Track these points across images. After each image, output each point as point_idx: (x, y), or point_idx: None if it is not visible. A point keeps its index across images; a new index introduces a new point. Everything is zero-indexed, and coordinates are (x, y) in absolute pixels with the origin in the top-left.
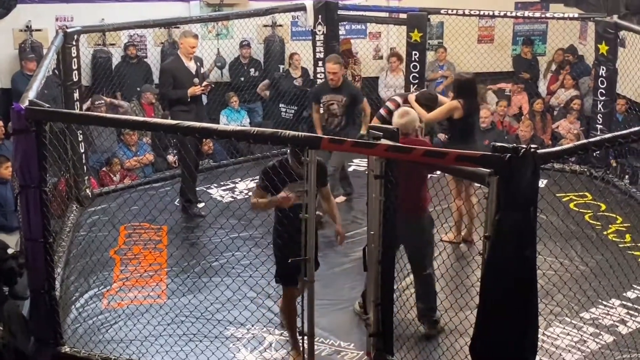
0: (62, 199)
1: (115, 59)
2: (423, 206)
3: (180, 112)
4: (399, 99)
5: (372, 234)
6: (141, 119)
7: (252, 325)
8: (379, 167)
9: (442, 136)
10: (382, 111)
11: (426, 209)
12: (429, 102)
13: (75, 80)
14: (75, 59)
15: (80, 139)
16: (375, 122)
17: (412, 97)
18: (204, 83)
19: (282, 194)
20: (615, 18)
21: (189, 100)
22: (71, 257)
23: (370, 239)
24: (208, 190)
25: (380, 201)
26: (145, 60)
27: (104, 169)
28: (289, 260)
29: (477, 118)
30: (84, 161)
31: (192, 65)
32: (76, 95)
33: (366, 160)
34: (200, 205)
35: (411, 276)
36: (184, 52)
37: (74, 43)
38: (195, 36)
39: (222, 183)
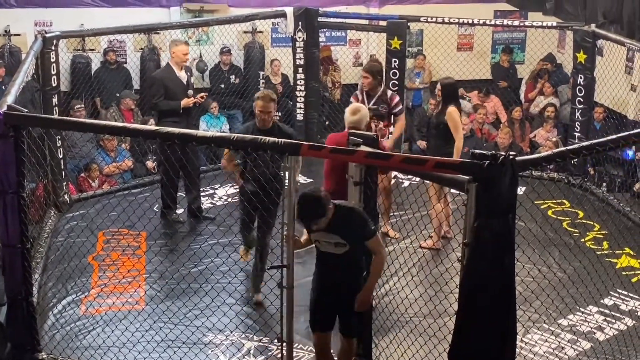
0: (40, 205)
1: (95, 65)
2: None
3: (171, 123)
4: (358, 94)
5: None
6: (120, 124)
7: (231, 332)
8: (358, 174)
9: (421, 143)
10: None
11: None
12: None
13: (54, 85)
14: (54, 64)
15: (58, 145)
16: None
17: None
18: (200, 94)
19: (305, 237)
20: (593, 27)
21: (180, 111)
22: (49, 263)
23: None
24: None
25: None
26: (124, 65)
27: (82, 174)
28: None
29: None
30: (62, 167)
31: (183, 75)
32: (55, 100)
33: None
34: (179, 211)
35: None
36: (177, 60)
37: (53, 48)
38: (187, 43)
39: (201, 189)
